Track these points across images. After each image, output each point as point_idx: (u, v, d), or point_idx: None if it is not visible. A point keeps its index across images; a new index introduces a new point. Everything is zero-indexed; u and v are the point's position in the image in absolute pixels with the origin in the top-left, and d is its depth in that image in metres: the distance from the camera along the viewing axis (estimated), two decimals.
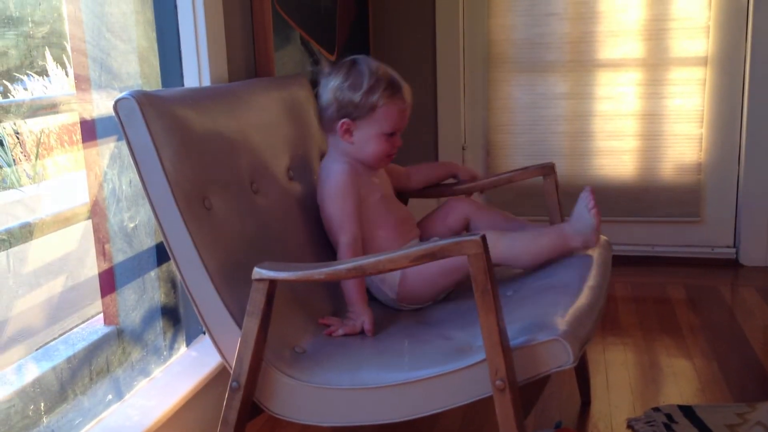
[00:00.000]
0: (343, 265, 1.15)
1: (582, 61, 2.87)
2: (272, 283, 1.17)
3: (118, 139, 1.49)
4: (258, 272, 1.17)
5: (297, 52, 2.13)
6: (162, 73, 1.61)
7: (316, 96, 1.59)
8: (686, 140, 2.86)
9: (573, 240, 1.48)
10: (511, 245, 1.47)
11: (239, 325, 1.22)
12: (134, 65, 1.55)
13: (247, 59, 1.84)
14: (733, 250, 2.88)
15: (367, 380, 1.20)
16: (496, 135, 2.99)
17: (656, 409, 1.74)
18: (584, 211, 1.49)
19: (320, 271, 1.17)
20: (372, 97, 1.52)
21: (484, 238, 1.06)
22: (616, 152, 2.91)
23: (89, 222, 1.47)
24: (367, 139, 1.55)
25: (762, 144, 2.75)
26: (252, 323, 1.18)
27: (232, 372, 1.21)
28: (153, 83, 1.59)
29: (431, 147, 3.01)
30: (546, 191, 1.75)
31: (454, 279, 1.51)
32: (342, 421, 1.22)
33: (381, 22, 2.94)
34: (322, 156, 1.75)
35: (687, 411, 1.72)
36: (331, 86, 1.54)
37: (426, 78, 2.97)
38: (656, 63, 2.83)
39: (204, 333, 1.71)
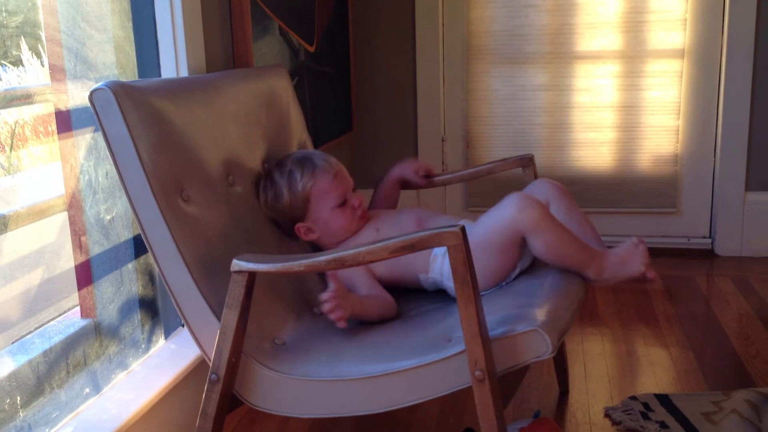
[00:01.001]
0: (323, 257, 1.15)
1: (561, 53, 2.88)
2: (251, 275, 1.17)
3: (95, 131, 1.48)
4: (237, 264, 1.16)
5: (276, 43, 2.11)
6: (138, 64, 1.60)
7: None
8: (663, 132, 2.89)
9: (592, 269, 1.41)
10: (554, 229, 1.39)
11: (218, 317, 1.21)
12: (110, 55, 1.53)
13: (225, 50, 1.82)
14: (709, 241, 2.91)
15: (346, 372, 1.20)
16: (475, 126, 3.00)
17: (633, 398, 1.76)
18: (637, 259, 1.41)
19: (300, 263, 1.16)
20: (298, 191, 1.49)
21: (463, 229, 1.06)
22: (594, 144, 2.93)
23: (65, 214, 1.45)
24: (326, 223, 1.52)
25: (737, 136, 2.78)
26: (231, 315, 1.17)
27: (211, 364, 1.20)
28: (129, 74, 1.58)
29: (411, 139, 3.01)
30: (525, 183, 1.76)
31: (511, 262, 1.44)
32: (322, 412, 1.22)
33: (360, 14, 2.93)
34: (300, 147, 1.74)
35: (663, 399, 1.74)
36: (264, 205, 1.51)
37: (405, 69, 2.97)
38: (634, 55, 2.84)
39: (183, 325, 1.70)
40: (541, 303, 1.26)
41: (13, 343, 1.35)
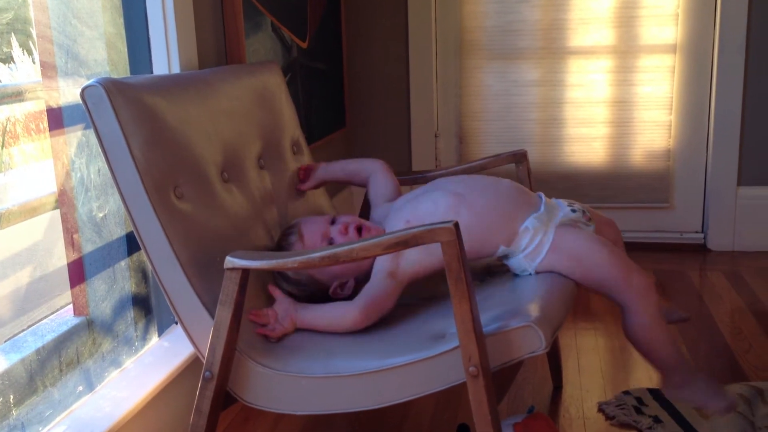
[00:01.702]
0: (317, 253, 1.15)
1: (553, 49, 2.88)
2: (245, 272, 1.16)
3: (86, 128, 1.47)
4: (230, 261, 1.16)
5: (268, 39, 2.11)
6: (130, 60, 1.59)
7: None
8: (656, 127, 2.89)
9: (674, 378, 1.43)
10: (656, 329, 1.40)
11: (212, 314, 1.21)
12: (101, 52, 1.52)
13: (217, 46, 1.82)
14: (701, 235, 2.92)
15: (340, 368, 1.20)
16: (468, 122, 2.99)
17: (626, 393, 1.76)
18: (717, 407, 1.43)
19: (294, 260, 1.16)
20: (292, 278, 1.41)
21: (456, 225, 1.06)
22: (586, 139, 2.94)
23: (57, 212, 1.45)
24: (338, 271, 1.40)
25: (729, 131, 2.79)
26: (224, 313, 1.17)
27: (204, 362, 1.20)
28: (121, 70, 1.57)
29: (404, 135, 3.01)
30: (519, 178, 1.76)
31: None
32: (316, 409, 1.22)
33: (353, 9, 2.92)
34: (293, 144, 1.74)
35: (656, 394, 1.75)
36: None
37: (398, 65, 2.96)
38: (626, 50, 2.85)
39: (176, 323, 1.70)
40: (534, 299, 1.26)
41: (5, 341, 1.34)
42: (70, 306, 1.49)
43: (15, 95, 1.35)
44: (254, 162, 1.57)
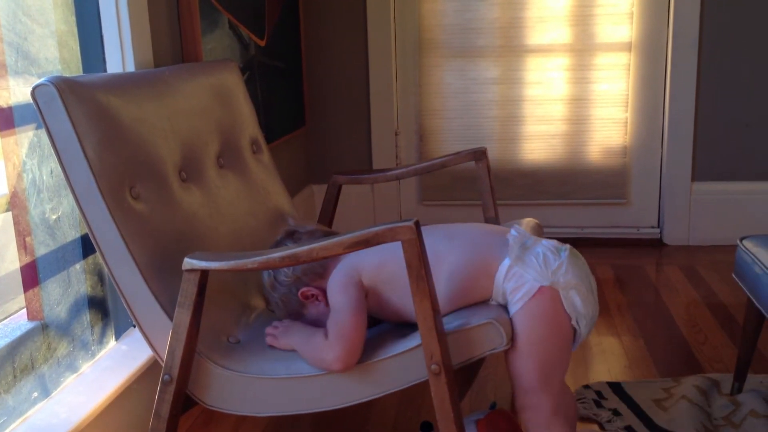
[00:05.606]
0: (277, 253, 1.13)
1: (511, 47, 2.90)
2: (204, 273, 1.15)
3: (38, 128, 1.43)
4: (189, 262, 1.14)
5: (225, 37, 2.08)
6: (83, 59, 1.56)
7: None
8: (612, 124, 2.93)
9: None
10: None
11: (170, 316, 1.19)
12: (53, 50, 1.49)
13: (173, 44, 1.79)
14: (658, 230, 2.97)
15: (302, 369, 1.19)
16: (428, 120, 3.00)
17: (586, 387, 1.79)
18: None
19: (253, 260, 1.15)
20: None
21: (417, 223, 1.06)
22: (545, 136, 2.97)
23: (9, 214, 1.41)
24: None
25: (684, 127, 2.84)
26: (183, 315, 1.15)
27: (163, 365, 1.18)
28: (73, 69, 1.54)
29: (364, 133, 3.01)
30: (478, 176, 1.77)
31: None
32: (278, 410, 1.21)
33: (311, 6, 2.91)
34: (252, 143, 1.72)
35: (616, 387, 1.77)
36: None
37: (358, 64, 2.95)
38: (582, 48, 2.88)
39: (134, 326, 1.67)
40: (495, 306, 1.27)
41: None
42: (24, 310, 1.46)
43: None
44: (213, 161, 1.54)
